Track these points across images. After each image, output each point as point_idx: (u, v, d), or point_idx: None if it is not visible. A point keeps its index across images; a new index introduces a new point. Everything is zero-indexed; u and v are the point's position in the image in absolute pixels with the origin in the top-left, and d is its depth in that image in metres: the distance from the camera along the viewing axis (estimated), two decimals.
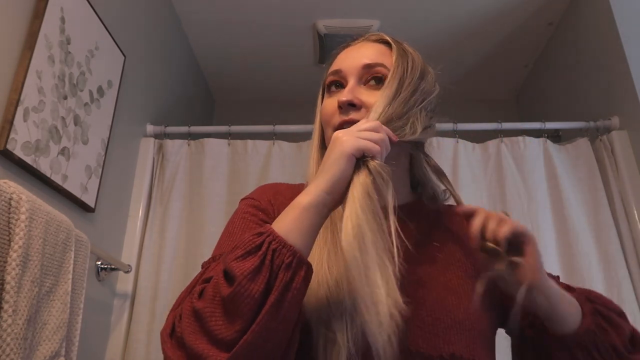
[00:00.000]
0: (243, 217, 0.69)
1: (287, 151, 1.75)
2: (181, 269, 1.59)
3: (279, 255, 0.51)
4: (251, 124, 1.85)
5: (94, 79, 1.37)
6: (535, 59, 2.44)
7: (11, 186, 0.88)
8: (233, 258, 0.51)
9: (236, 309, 0.48)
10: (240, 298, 0.48)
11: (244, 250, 0.51)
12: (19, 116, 1.04)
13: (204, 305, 0.50)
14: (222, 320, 0.49)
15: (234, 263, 0.50)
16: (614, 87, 1.75)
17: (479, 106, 2.67)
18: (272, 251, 0.51)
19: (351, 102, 0.67)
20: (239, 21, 2.18)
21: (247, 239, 0.52)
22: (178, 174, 1.72)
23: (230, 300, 0.49)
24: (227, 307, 0.49)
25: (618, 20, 1.71)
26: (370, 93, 0.68)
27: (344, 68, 0.72)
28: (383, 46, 0.74)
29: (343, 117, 0.67)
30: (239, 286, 0.49)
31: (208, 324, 0.49)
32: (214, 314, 0.49)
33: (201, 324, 0.49)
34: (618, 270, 1.52)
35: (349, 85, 0.69)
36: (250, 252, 0.51)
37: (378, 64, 0.70)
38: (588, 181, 1.67)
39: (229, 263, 0.51)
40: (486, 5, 2.07)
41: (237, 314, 0.48)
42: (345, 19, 2.15)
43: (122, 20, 1.58)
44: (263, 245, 0.51)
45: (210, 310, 0.49)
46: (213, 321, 0.49)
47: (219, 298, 0.49)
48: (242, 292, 0.48)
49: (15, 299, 0.81)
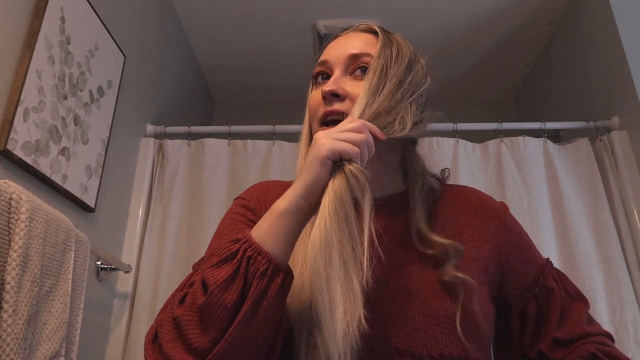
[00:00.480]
0: (232, 218, 0.69)
1: (287, 151, 1.75)
2: (181, 269, 1.59)
3: (253, 263, 0.50)
4: (251, 124, 1.85)
5: (94, 79, 1.37)
6: (535, 59, 2.44)
7: (11, 186, 0.88)
8: (209, 266, 0.51)
9: (210, 318, 0.48)
10: (213, 307, 0.48)
11: (219, 258, 0.51)
12: (19, 116, 1.04)
13: (182, 313, 0.50)
14: (198, 329, 0.49)
15: (208, 271, 0.50)
16: (614, 87, 1.75)
17: (479, 106, 2.67)
18: (247, 259, 0.50)
19: (335, 92, 0.65)
20: (239, 21, 2.18)
21: (223, 246, 0.52)
22: (178, 174, 1.72)
23: (204, 309, 0.48)
24: (202, 316, 0.49)
25: (618, 20, 1.71)
26: (356, 83, 0.66)
27: (329, 58, 0.70)
28: (371, 36, 0.71)
29: (327, 108, 0.65)
30: (211, 295, 0.48)
31: (185, 332, 0.49)
32: (191, 323, 0.49)
33: (179, 331, 0.49)
34: (618, 270, 1.52)
35: (334, 75, 0.68)
36: (226, 260, 0.50)
37: (364, 54, 0.67)
38: (588, 181, 1.67)
39: (204, 271, 0.51)
40: (486, 5, 2.07)
41: (211, 323, 0.48)
42: (345, 19, 2.15)
43: (122, 20, 1.58)
44: (238, 253, 0.50)
45: (188, 319, 0.49)
46: (190, 329, 0.49)
47: (196, 306, 0.49)
48: (215, 302, 0.48)
49: (15, 299, 0.81)
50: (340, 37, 0.74)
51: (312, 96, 0.71)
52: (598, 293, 1.49)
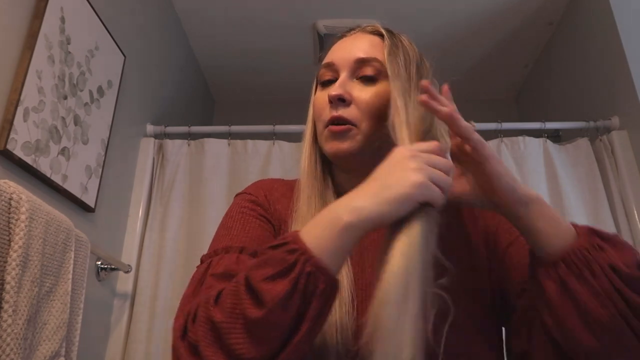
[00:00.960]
0: (241, 212, 0.68)
1: (287, 151, 1.75)
2: (181, 269, 1.59)
3: (314, 281, 0.46)
4: (251, 124, 1.85)
5: (94, 79, 1.37)
6: (535, 59, 2.44)
7: (11, 186, 0.88)
8: (262, 277, 0.46)
9: (264, 335, 0.45)
10: (270, 325, 0.45)
11: (274, 270, 0.46)
12: (19, 116, 1.04)
13: (222, 319, 0.46)
14: (245, 340, 0.45)
15: (263, 284, 0.46)
16: (614, 87, 1.75)
17: (479, 106, 2.66)
18: (306, 275, 0.46)
19: (341, 97, 0.65)
20: (239, 21, 2.18)
21: (277, 255, 0.47)
22: (178, 174, 1.72)
23: (257, 324, 0.45)
24: (251, 330, 0.45)
25: (618, 20, 1.71)
26: (362, 88, 0.66)
27: (336, 61, 0.69)
28: (377, 38, 0.70)
29: (333, 113, 0.66)
30: (269, 312, 0.45)
31: (228, 340, 0.46)
32: (234, 330, 0.46)
33: (219, 337, 0.46)
34: None
35: (341, 78, 0.67)
36: (282, 274, 0.46)
37: (371, 59, 0.67)
38: (588, 181, 1.67)
39: (257, 282, 0.46)
40: (486, 5, 2.07)
41: (265, 340, 0.45)
42: (345, 19, 2.15)
43: (122, 20, 1.58)
44: (296, 267, 0.46)
45: (230, 326, 0.46)
46: (234, 339, 0.45)
47: (242, 317, 0.46)
48: (273, 320, 0.45)
49: (15, 299, 0.81)
50: (346, 38, 0.73)
51: (318, 98, 0.71)
52: None
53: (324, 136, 0.68)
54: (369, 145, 0.65)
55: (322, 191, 0.68)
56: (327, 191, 0.69)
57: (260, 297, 0.45)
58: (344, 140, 0.65)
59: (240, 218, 0.67)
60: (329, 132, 0.66)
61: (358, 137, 0.65)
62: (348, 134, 0.65)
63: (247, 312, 0.45)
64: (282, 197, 0.70)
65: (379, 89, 0.66)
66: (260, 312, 0.45)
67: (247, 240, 0.63)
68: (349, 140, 0.65)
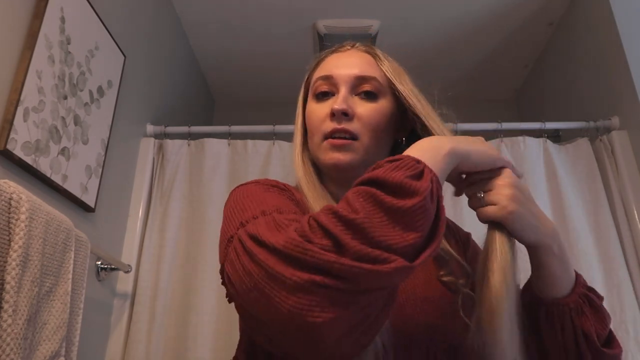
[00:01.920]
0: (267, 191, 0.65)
1: (287, 151, 1.75)
2: (181, 269, 1.59)
3: (437, 187, 0.50)
4: (251, 124, 1.85)
5: (94, 79, 1.37)
6: (535, 59, 2.44)
7: (11, 186, 0.88)
8: (404, 176, 0.47)
9: (415, 221, 0.45)
10: (423, 212, 0.46)
11: (412, 172, 0.48)
12: (19, 116, 1.04)
13: (362, 216, 0.45)
14: (395, 230, 0.45)
15: (408, 180, 0.47)
16: (614, 87, 1.75)
17: (479, 106, 2.66)
18: (435, 181, 0.49)
19: (345, 112, 0.68)
20: (239, 21, 2.18)
21: (407, 163, 0.50)
22: (178, 174, 1.72)
23: (408, 212, 0.45)
24: (400, 220, 0.45)
25: (618, 20, 1.71)
26: (363, 104, 0.71)
27: (335, 75, 0.72)
28: (371, 58, 0.75)
29: (335, 125, 0.69)
30: (425, 201, 0.46)
31: (373, 233, 0.44)
32: (380, 224, 0.45)
33: (361, 233, 0.44)
34: (618, 270, 1.52)
35: (342, 94, 0.70)
36: (418, 176, 0.49)
37: (371, 77, 0.71)
38: (588, 181, 1.67)
39: (401, 179, 0.47)
40: (486, 5, 2.07)
41: (415, 226, 0.45)
42: (345, 19, 2.15)
43: (122, 20, 1.58)
44: (425, 172, 0.49)
45: (375, 221, 0.45)
46: (381, 230, 0.44)
47: (389, 210, 0.45)
48: (427, 207, 0.46)
49: (15, 299, 0.81)
50: (341, 54, 0.76)
51: (316, 110, 0.73)
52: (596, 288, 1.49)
53: (322, 147, 0.71)
54: (367, 159, 0.69)
55: (323, 195, 0.70)
56: (328, 196, 0.71)
57: (410, 189, 0.46)
58: (345, 152, 0.69)
59: (272, 195, 0.64)
60: (329, 144, 0.69)
61: (359, 150, 0.69)
62: (350, 146, 0.69)
63: (395, 204, 0.45)
64: (295, 192, 0.71)
65: (378, 106, 0.71)
66: (414, 200, 0.46)
67: (294, 209, 0.60)
68: (350, 153, 0.69)
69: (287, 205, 0.60)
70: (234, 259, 0.51)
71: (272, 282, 0.44)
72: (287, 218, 0.52)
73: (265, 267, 0.45)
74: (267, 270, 0.45)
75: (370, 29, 2.18)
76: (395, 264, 0.43)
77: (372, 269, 0.42)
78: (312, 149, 0.74)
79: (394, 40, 2.24)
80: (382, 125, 0.71)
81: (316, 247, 0.44)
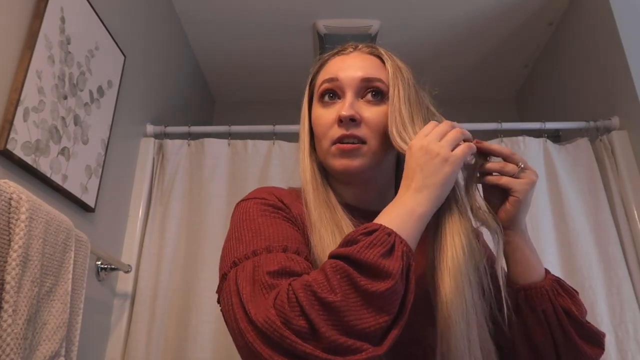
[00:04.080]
0: (263, 214, 0.66)
1: (287, 151, 1.75)
2: (181, 269, 1.59)
3: (408, 258, 0.54)
4: (251, 124, 1.85)
5: (94, 79, 1.37)
6: (535, 59, 2.44)
7: (11, 186, 0.88)
8: (378, 255, 0.51)
9: (385, 304, 0.50)
10: (394, 295, 0.50)
11: (384, 249, 0.52)
12: (19, 116, 1.04)
13: (338, 298, 0.49)
14: (367, 314, 0.49)
15: (382, 260, 0.51)
16: (614, 87, 1.75)
17: (479, 106, 2.67)
18: (406, 253, 0.53)
19: (353, 118, 0.69)
20: (239, 21, 2.18)
21: (379, 238, 0.53)
22: (178, 174, 1.72)
23: (381, 296, 0.49)
24: (372, 303, 0.49)
25: (618, 20, 1.71)
26: (370, 108, 0.71)
27: (340, 78, 0.72)
28: (376, 59, 0.75)
29: (344, 132, 0.69)
30: (396, 283, 0.50)
31: (345, 317, 0.48)
32: (353, 307, 0.49)
33: (335, 316, 0.48)
34: (618, 270, 1.52)
35: (348, 99, 0.70)
36: (390, 252, 0.52)
37: (376, 79, 0.72)
38: (588, 181, 1.67)
39: (374, 259, 0.50)
40: (486, 5, 2.07)
41: (385, 309, 0.50)
42: (345, 19, 2.15)
43: (122, 20, 1.58)
44: (396, 246, 0.53)
45: (349, 304, 0.49)
46: (353, 315, 0.48)
47: (362, 293, 0.49)
48: (398, 290, 0.51)
49: (15, 299, 0.81)
50: (345, 56, 0.76)
51: (323, 115, 0.73)
52: (598, 293, 1.49)
53: (330, 153, 0.71)
54: (375, 161, 0.70)
55: (327, 200, 0.70)
56: (331, 199, 0.71)
57: (383, 271, 0.50)
58: (354, 158, 0.69)
59: (266, 220, 0.65)
60: (337, 149, 0.70)
61: (368, 154, 0.69)
62: (358, 151, 0.69)
63: (371, 287, 0.49)
64: (294, 202, 0.71)
65: (385, 109, 0.71)
66: (387, 283, 0.50)
67: (284, 240, 0.62)
68: (359, 158, 0.69)
69: (279, 237, 0.62)
70: (225, 302, 0.56)
71: (253, 357, 0.49)
72: (275, 267, 0.55)
73: (246, 340, 0.50)
74: (248, 344, 0.50)
75: (370, 29, 2.17)
76: (366, 354, 0.47)
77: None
78: (320, 153, 0.74)
79: (393, 41, 2.23)
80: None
81: (292, 333, 0.47)
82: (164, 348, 1.49)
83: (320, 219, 0.66)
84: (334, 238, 0.63)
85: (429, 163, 0.60)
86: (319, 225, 0.65)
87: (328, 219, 0.66)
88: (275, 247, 0.60)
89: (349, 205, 0.72)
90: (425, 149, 0.61)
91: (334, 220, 0.67)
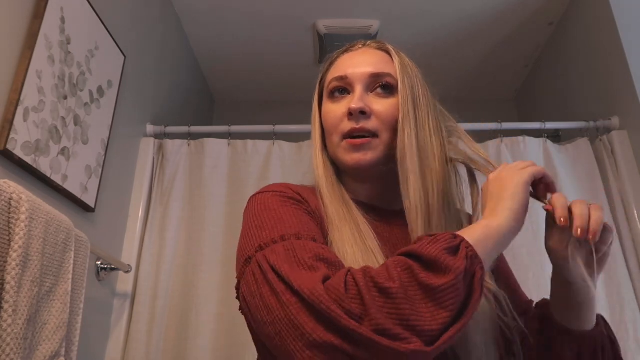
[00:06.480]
0: (284, 204, 0.63)
1: (287, 151, 1.75)
2: (181, 269, 1.59)
3: (473, 264, 0.49)
4: (251, 124, 1.85)
5: (94, 79, 1.37)
6: (535, 59, 2.44)
7: (11, 186, 0.88)
8: (441, 249, 0.48)
9: (444, 300, 0.46)
10: (452, 292, 0.47)
11: (447, 245, 0.49)
12: (19, 116, 1.04)
13: (399, 286, 0.46)
14: (427, 306, 0.46)
15: (444, 255, 0.48)
16: (614, 87, 1.75)
17: (479, 106, 2.66)
18: (470, 257, 0.50)
19: (363, 110, 0.68)
20: (239, 21, 2.18)
21: (443, 236, 0.51)
22: (178, 174, 1.72)
23: (438, 290, 0.46)
24: (430, 296, 0.46)
25: (618, 20, 1.71)
26: (379, 101, 0.70)
27: (350, 74, 0.72)
28: (385, 54, 0.75)
29: (354, 125, 0.69)
30: (456, 281, 0.47)
31: (403, 306, 0.45)
32: (416, 297, 0.46)
33: (392, 304, 0.45)
34: (618, 270, 1.52)
35: (358, 92, 0.70)
36: (453, 250, 0.49)
37: (385, 74, 0.72)
38: (588, 181, 1.67)
39: (436, 253, 0.48)
40: (486, 5, 2.07)
41: (443, 305, 0.46)
42: (345, 19, 2.15)
43: (122, 20, 1.58)
44: (461, 248, 0.50)
45: (412, 293, 0.46)
46: (410, 308, 0.45)
47: (420, 285, 0.46)
48: (457, 287, 0.47)
49: (15, 299, 0.81)
50: (353, 53, 0.77)
51: (333, 110, 0.73)
52: (598, 293, 1.49)
53: (341, 148, 0.71)
54: (387, 154, 0.69)
55: (341, 197, 0.70)
56: (345, 197, 0.71)
57: (443, 265, 0.47)
58: (366, 151, 0.69)
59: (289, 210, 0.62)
60: (348, 144, 0.70)
61: (380, 147, 0.69)
62: (369, 145, 0.69)
63: (427, 280, 0.47)
64: (311, 197, 0.70)
65: (395, 101, 0.70)
66: (446, 278, 0.47)
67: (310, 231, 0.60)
68: (371, 151, 0.69)
69: (305, 227, 0.59)
70: (251, 283, 0.53)
71: (292, 330, 0.46)
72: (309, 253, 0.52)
73: (287, 312, 0.47)
74: (290, 315, 0.46)
75: (370, 29, 2.18)
76: (413, 346, 0.43)
77: (389, 345, 0.43)
78: (331, 148, 0.74)
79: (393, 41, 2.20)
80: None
81: (341, 309, 0.45)
82: (164, 348, 1.49)
83: (337, 215, 0.66)
84: (353, 235, 0.63)
85: (507, 188, 0.61)
86: (337, 221, 0.65)
87: (345, 214, 0.66)
88: (305, 235, 0.57)
89: (362, 203, 0.72)
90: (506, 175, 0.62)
91: (352, 217, 0.66)
